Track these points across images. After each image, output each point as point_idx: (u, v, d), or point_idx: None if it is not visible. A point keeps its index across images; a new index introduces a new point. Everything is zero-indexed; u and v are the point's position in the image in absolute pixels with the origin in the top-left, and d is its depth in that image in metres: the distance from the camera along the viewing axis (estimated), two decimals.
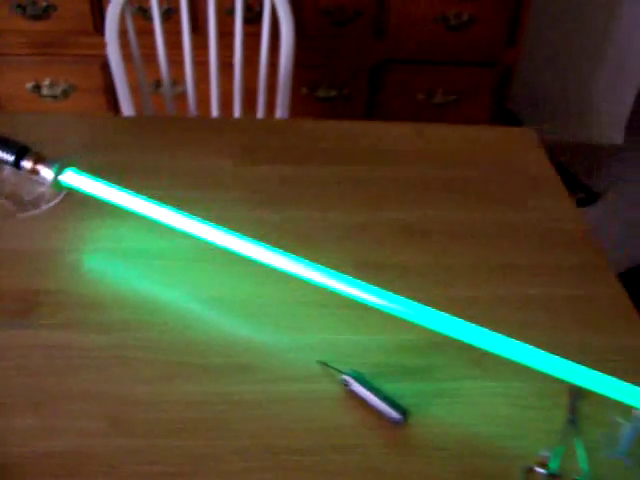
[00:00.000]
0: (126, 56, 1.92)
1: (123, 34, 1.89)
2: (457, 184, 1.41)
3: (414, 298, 1.04)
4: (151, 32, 1.93)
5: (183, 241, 1.17)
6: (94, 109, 2.45)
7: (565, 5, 3.05)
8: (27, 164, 1.22)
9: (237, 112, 2.05)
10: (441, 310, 1.02)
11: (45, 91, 2.43)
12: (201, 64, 2.02)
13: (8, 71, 2.40)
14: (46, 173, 1.22)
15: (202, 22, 2.02)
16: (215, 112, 2.05)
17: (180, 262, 1.18)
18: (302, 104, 2.45)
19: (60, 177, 1.23)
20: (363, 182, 1.39)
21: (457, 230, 1.29)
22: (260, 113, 2.05)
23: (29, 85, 2.42)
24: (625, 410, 0.96)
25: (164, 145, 1.46)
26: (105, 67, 2.36)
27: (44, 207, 1.25)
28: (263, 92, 2.03)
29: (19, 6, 2.25)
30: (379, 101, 2.51)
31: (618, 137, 3.46)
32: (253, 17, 2.05)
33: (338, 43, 2.37)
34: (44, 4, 2.25)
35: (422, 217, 1.31)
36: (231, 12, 1.94)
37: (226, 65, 1.99)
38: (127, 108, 1.98)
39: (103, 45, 2.16)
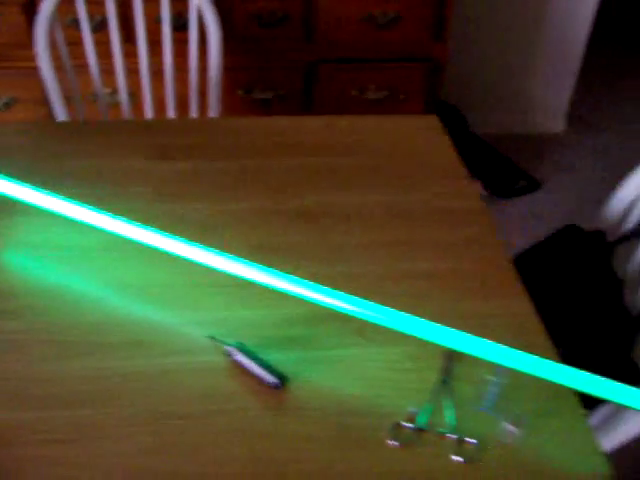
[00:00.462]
0: (60, 67, 2.00)
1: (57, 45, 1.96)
2: (357, 171, 1.49)
3: (301, 276, 1.11)
4: (83, 42, 2.00)
5: (92, 234, 1.24)
6: (36, 120, 2.51)
7: None
8: None
9: (170, 114, 2.13)
10: (326, 285, 1.10)
11: None
12: (134, 72, 2.09)
13: None
14: None
15: (133, 31, 2.09)
16: (149, 114, 2.13)
17: (87, 253, 1.26)
18: (239, 106, 2.53)
19: None
20: (266, 173, 1.46)
21: (349, 213, 1.37)
22: (194, 116, 2.13)
23: None
24: (495, 369, 1.04)
25: (78, 148, 1.53)
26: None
27: None
28: (195, 96, 2.10)
29: None
30: (315, 100, 2.59)
31: (559, 126, 3.55)
32: (182, 25, 2.12)
33: (270, 45, 2.45)
34: None
35: (318, 203, 1.39)
36: (160, 21, 2.01)
37: (159, 72, 2.06)
38: (62, 117, 2.05)
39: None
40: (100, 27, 2.15)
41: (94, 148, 1.53)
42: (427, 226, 1.35)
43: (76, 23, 2.08)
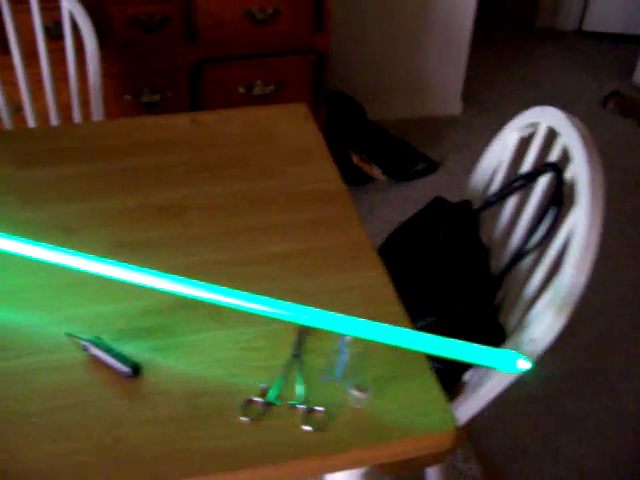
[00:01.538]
0: None
1: None
2: (221, 163, 1.53)
3: (160, 268, 1.16)
4: None
5: None
6: None
7: None
8: None
9: (54, 122, 2.14)
10: (183, 275, 1.14)
11: None
12: (13, 84, 2.09)
13: None
14: None
15: (7, 43, 2.09)
16: (32, 124, 2.13)
17: None
18: (127, 111, 2.54)
19: None
20: (129, 172, 1.49)
21: (210, 204, 1.41)
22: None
23: None
24: (341, 339, 1.09)
25: None
26: None
27: None
28: (77, 104, 2.11)
29: None
30: (202, 100, 2.62)
31: (455, 107, 3.63)
32: (60, 34, 2.13)
33: (152, 49, 2.47)
34: None
35: (179, 197, 1.43)
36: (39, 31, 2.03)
37: (38, 82, 2.07)
38: None
39: None
40: None
41: None
42: (286, 210, 1.40)
43: None
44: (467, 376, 1.51)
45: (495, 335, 1.49)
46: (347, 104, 3.26)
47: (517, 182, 1.52)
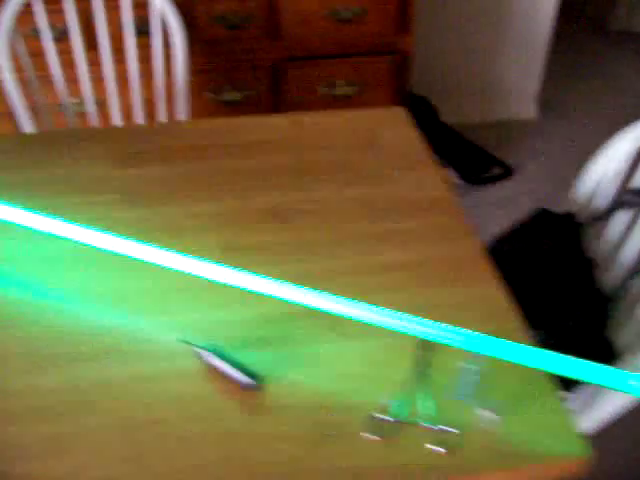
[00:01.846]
0: (22, 79, 1.98)
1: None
2: (326, 167, 1.49)
3: (272, 274, 1.11)
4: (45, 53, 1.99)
5: (59, 244, 1.23)
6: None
7: None
8: None
9: (140, 120, 2.12)
10: (297, 283, 1.09)
11: None
12: (100, 80, 2.08)
13: None
14: None
15: (96, 39, 2.07)
16: (118, 121, 2.12)
17: (55, 263, 1.25)
18: (207, 109, 2.52)
19: None
20: (234, 174, 1.46)
21: (318, 209, 1.37)
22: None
23: None
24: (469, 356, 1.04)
25: (45, 159, 1.52)
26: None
27: None
28: (162, 101, 2.09)
29: None
30: (283, 99, 2.59)
31: (531, 112, 3.56)
32: (146, 30, 2.11)
33: (235, 46, 2.44)
34: None
35: (287, 201, 1.39)
36: (123, 27, 2.00)
37: (125, 78, 2.06)
38: (29, 130, 2.04)
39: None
40: (62, 36, 2.13)
41: (60, 158, 1.52)
42: (397, 218, 1.36)
43: (37, 33, 2.06)
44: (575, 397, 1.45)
45: (604, 352, 1.43)
46: (420, 104, 3.21)
47: (629, 196, 1.46)
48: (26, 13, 1.90)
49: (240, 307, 1.15)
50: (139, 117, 2.10)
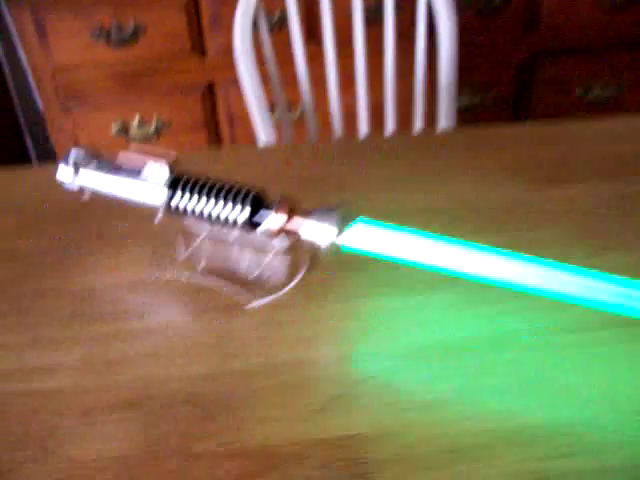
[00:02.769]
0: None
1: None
2: None
3: None
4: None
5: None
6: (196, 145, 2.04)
7: None
8: (276, 220, 0.79)
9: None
10: None
11: (134, 131, 2.01)
12: (321, 80, 1.60)
13: (89, 112, 1.99)
14: (317, 231, 0.79)
15: (319, 31, 1.61)
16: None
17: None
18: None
19: (342, 235, 0.79)
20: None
21: None
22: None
23: (115, 127, 2.00)
24: None
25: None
26: (205, 96, 1.96)
27: (283, 291, 0.83)
28: (421, 103, 1.61)
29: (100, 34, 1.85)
30: (530, 103, 2.10)
31: None
32: (375, 18, 1.63)
33: (482, 39, 1.96)
34: (131, 29, 1.85)
35: None
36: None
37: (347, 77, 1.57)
38: (266, 138, 1.56)
39: (205, 69, 1.76)
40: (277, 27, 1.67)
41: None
42: None
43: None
44: None
45: None
46: None
47: None
48: None
49: None
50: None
